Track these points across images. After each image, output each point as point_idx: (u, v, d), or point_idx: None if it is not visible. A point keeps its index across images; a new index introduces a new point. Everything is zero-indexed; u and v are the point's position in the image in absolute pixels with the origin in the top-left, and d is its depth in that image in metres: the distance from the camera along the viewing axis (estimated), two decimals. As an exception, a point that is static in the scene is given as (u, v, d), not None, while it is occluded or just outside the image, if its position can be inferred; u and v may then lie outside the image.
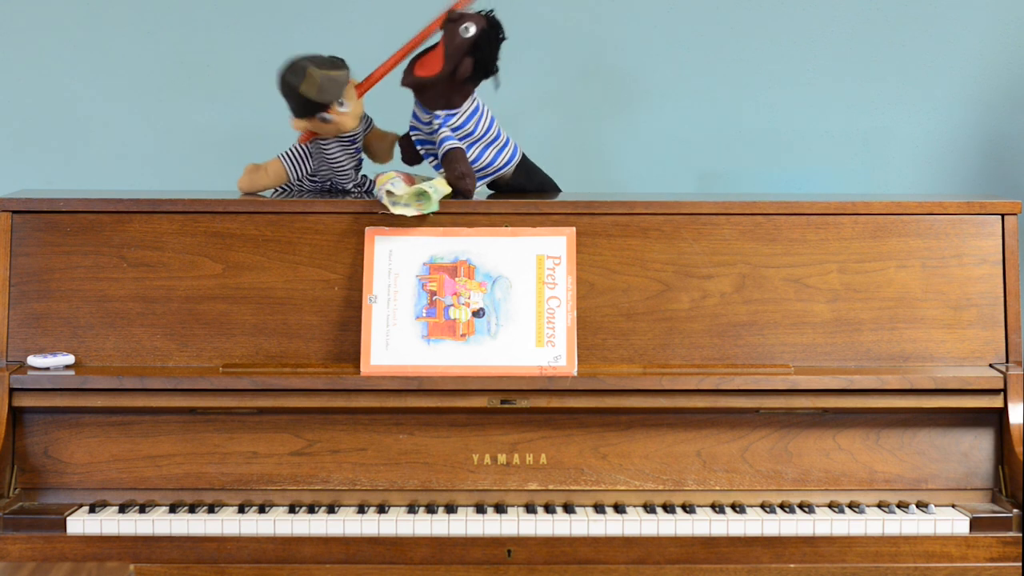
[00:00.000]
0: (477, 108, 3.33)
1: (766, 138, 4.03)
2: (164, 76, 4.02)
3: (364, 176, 3.44)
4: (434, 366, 3.13)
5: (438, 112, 3.30)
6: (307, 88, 3.26)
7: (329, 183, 3.42)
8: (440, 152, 3.31)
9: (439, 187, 3.24)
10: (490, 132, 3.36)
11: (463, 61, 3.25)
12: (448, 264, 3.19)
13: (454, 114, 3.30)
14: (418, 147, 3.39)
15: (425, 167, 3.44)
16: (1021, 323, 3.22)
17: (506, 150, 3.39)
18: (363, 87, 3.36)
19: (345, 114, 3.32)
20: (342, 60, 3.33)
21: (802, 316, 3.22)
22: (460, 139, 3.31)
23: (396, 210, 3.19)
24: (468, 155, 3.32)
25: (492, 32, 3.27)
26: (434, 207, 3.20)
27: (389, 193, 3.19)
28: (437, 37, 3.30)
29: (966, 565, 3.02)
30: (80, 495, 3.11)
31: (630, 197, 3.33)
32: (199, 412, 3.12)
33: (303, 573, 3.00)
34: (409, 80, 3.30)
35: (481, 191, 3.41)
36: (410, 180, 3.29)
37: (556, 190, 3.50)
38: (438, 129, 3.31)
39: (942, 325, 3.23)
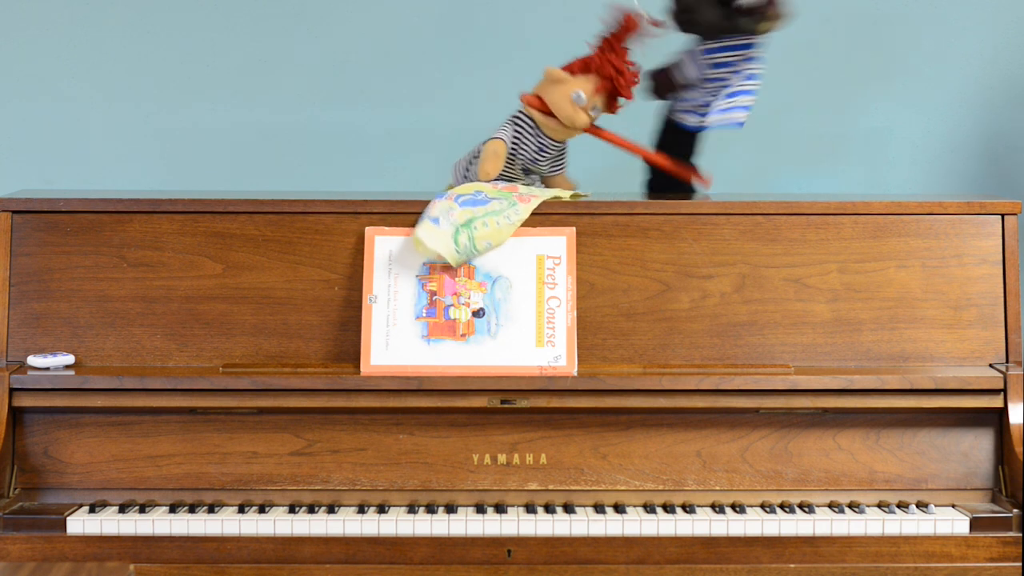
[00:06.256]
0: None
1: (767, 138, 4.03)
2: (164, 76, 4.02)
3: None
4: (434, 366, 3.13)
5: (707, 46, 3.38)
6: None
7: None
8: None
9: (493, 240, 3.14)
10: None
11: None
12: (448, 264, 3.19)
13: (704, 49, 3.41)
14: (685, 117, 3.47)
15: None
16: (1021, 323, 3.22)
17: None
18: (598, 133, 3.36)
19: (581, 115, 3.31)
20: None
21: (802, 316, 3.22)
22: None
23: (420, 248, 3.14)
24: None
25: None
26: (465, 257, 3.16)
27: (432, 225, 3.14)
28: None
29: (966, 565, 3.02)
30: (80, 495, 3.11)
31: (630, 197, 3.33)
32: (199, 412, 3.12)
33: (303, 573, 3.00)
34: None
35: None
36: (512, 188, 3.26)
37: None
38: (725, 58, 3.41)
39: (942, 325, 3.23)
